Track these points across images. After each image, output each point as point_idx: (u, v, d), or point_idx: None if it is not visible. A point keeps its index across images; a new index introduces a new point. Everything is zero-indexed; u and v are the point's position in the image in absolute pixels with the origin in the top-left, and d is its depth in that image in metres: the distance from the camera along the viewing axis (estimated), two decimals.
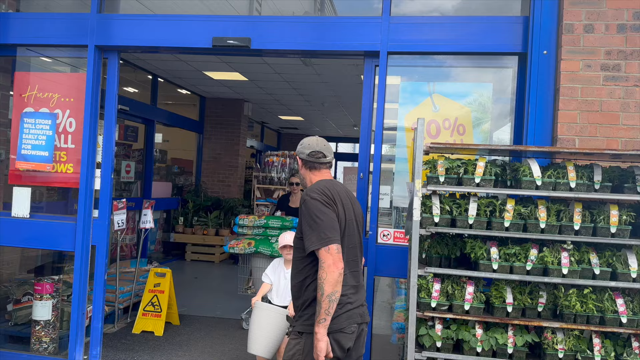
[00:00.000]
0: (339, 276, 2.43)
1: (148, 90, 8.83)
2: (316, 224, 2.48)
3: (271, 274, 4.21)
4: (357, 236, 2.69)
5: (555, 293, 2.88)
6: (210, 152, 11.06)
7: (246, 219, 6.11)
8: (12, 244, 4.36)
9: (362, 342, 2.68)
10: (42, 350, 4.44)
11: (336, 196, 2.59)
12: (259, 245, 5.74)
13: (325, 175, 2.77)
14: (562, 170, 2.89)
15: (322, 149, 2.77)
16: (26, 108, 4.26)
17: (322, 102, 10.52)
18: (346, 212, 2.61)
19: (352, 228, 2.64)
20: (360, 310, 2.61)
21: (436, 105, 3.81)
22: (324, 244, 2.44)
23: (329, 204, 2.53)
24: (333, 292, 2.41)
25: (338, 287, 2.43)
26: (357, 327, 2.57)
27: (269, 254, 5.63)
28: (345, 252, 2.58)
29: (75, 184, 4.15)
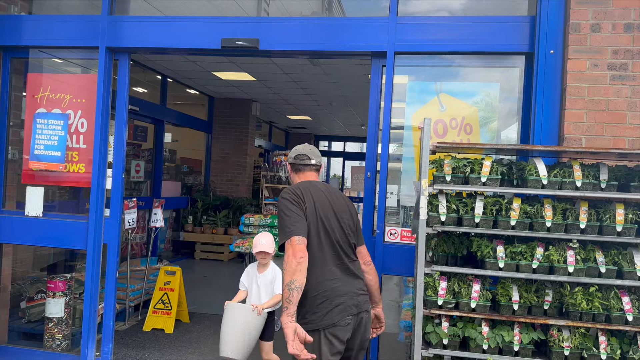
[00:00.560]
0: (296, 265, 2.48)
1: (157, 90, 8.91)
2: (283, 220, 2.65)
3: (245, 280, 4.05)
4: (341, 231, 2.74)
5: (561, 291, 2.90)
6: (218, 151, 11.13)
7: (252, 218, 6.18)
8: (25, 242, 4.44)
9: (365, 327, 2.72)
10: (55, 346, 4.52)
11: (307, 195, 2.70)
12: None
13: (309, 177, 2.88)
14: (568, 169, 2.91)
15: (307, 152, 2.91)
16: (39, 109, 4.34)
17: (330, 102, 10.56)
18: (320, 209, 2.70)
19: (331, 224, 2.71)
20: (355, 301, 2.65)
21: (443, 104, 3.84)
22: (287, 237, 2.57)
23: (296, 202, 2.67)
24: (292, 281, 2.46)
25: (297, 276, 2.47)
26: (352, 318, 2.62)
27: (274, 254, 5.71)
28: (326, 246, 2.67)
29: (87, 184, 4.22)
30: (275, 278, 3.97)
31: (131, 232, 5.67)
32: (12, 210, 4.48)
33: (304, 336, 2.43)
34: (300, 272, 2.49)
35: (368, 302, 2.78)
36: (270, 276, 3.97)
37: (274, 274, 3.99)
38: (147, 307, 5.71)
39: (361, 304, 2.69)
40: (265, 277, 3.97)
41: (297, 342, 2.39)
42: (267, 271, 3.99)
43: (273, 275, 3.98)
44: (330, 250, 2.69)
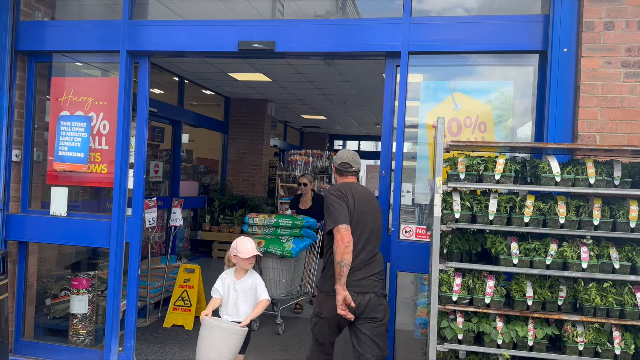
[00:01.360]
0: (344, 247, 3.20)
1: (175, 91, 9.06)
2: (330, 211, 3.34)
3: (220, 287, 3.77)
4: (371, 225, 3.42)
5: (575, 287, 2.94)
6: (235, 151, 11.26)
7: (256, 217, 5.92)
8: (50, 241, 4.58)
9: (373, 306, 3.34)
10: (80, 342, 4.66)
11: (348, 193, 3.41)
12: (269, 244, 5.63)
13: (349, 179, 3.59)
14: (581, 167, 2.94)
15: (350, 161, 3.60)
16: (62, 111, 4.47)
17: (345, 101, 10.62)
18: (358, 205, 3.39)
19: (365, 218, 3.39)
20: (363, 283, 3.32)
21: (457, 103, 3.88)
22: (335, 224, 3.27)
23: (340, 197, 3.37)
24: (342, 260, 3.20)
25: (345, 256, 3.20)
26: (356, 295, 3.28)
27: (279, 254, 5.55)
28: (358, 235, 3.34)
29: (109, 184, 4.34)
30: (256, 284, 3.75)
31: (151, 231, 5.80)
32: (37, 210, 4.62)
33: (350, 301, 3.23)
34: (348, 253, 3.22)
35: (379, 287, 3.39)
36: (250, 282, 3.75)
37: (253, 280, 3.76)
38: (167, 304, 5.84)
39: (367, 287, 3.33)
40: (244, 284, 3.74)
41: (344, 306, 3.22)
42: (246, 277, 3.76)
43: (252, 281, 3.76)
44: (361, 238, 3.35)
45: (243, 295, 3.73)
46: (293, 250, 5.54)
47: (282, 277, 5.69)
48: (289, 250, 5.55)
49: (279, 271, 5.69)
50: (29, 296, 4.70)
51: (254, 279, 3.78)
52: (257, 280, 3.78)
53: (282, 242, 5.62)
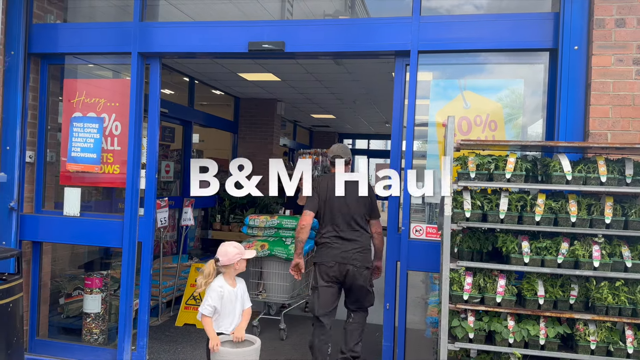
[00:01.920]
0: (300, 228, 4.14)
1: (185, 92, 9.11)
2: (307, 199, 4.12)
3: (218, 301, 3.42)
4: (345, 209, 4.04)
5: (587, 286, 2.93)
6: (244, 151, 11.30)
7: (257, 219, 5.59)
8: (64, 241, 4.64)
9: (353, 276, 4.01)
10: (93, 341, 4.72)
11: (322, 184, 4.14)
12: (273, 247, 5.37)
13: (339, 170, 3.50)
14: (592, 165, 2.93)
15: (339, 152, 4.27)
16: (75, 113, 4.52)
17: (354, 100, 10.61)
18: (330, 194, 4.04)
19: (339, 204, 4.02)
20: (344, 255, 4.00)
21: (467, 101, 3.87)
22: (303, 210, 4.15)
23: (314, 188, 4.04)
24: (297, 237, 4.19)
25: (299, 235, 4.16)
26: (336, 264, 4.00)
27: (284, 256, 5.30)
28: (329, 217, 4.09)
29: (122, 184, 4.38)
30: (244, 289, 3.62)
31: (163, 230, 5.84)
32: (50, 210, 4.69)
33: (302, 267, 4.25)
34: (302, 233, 4.15)
35: (359, 260, 4.01)
36: (242, 287, 3.60)
37: (242, 285, 3.62)
38: (179, 303, 5.89)
39: (348, 259, 4.00)
40: (238, 291, 3.54)
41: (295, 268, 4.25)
42: (237, 282, 3.58)
43: (242, 286, 3.61)
44: (332, 220, 4.08)
45: (240, 302, 3.54)
46: None
47: (286, 280, 5.44)
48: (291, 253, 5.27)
49: (283, 275, 5.43)
50: (43, 295, 4.77)
51: (242, 283, 3.62)
52: (244, 286, 3.63)
53: (287, 245, 5.39)
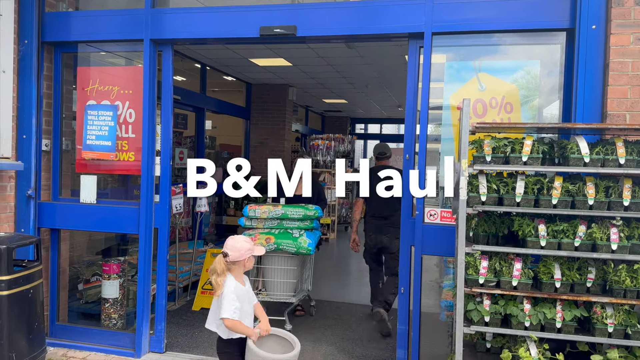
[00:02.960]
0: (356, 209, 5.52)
1: (197, 78, 9.12)
2: None
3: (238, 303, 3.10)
4: None
5: (604, 268, 2.90)
6: (257, 137, 11.32)
7: (258, 209, 4.99)
8: (81, 228, 4.71)
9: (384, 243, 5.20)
10: (112, 325, 4.80)
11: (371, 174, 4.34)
12: (280, 240, 4.82)
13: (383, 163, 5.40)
14: (610, 147, 2.89)
15: (381, 149, 5.52)
16: (89, 101, 4.55)
17: (366, 84, 10.54)
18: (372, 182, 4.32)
19: None
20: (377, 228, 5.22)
21: (482, 84, 3.82)
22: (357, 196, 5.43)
23: None
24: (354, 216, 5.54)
25: (355, 214, 5.52)
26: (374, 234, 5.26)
27: (293, 250, 4.81)
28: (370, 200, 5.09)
29: (137, 171, 4.42)
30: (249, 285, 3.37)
31: (178, 216, 5.89)
32: (67, 197, 4.75)
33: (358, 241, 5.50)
34: (356, 213, 5.50)
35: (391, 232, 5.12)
36: (248, 284, 3.35)
37: (248, 281, 3.38)
38: (195, 288, 5.96)
39: (383, 231, 5.18)
40: (249, 289, 3.33)
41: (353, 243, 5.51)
42: (245, 280, 3.31)
43: (248, 282, 3.37)
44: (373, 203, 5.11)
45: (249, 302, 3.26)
46: (311, 246, 4.85)
47: (291, 277, 5.05)
48: (305, 246, 4.81)
49: (288, 271, 5.02)
50: (62, 282, 4.85)
51: (247, 280, 3.37)
52: (248, 281, 3.38)
53: (295, 237, 4.85)
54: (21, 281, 3.74)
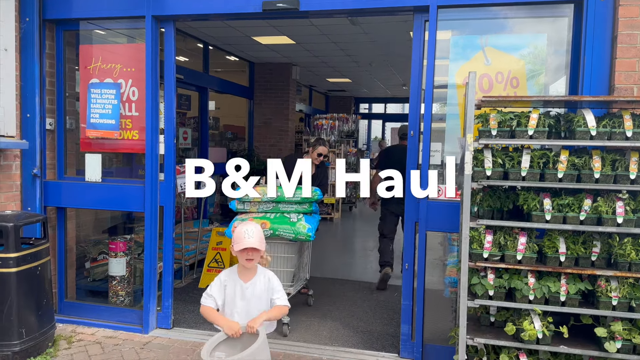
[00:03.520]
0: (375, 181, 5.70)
1: (199, 58, 9.06)
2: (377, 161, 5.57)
3: (218, 293, 2.88)
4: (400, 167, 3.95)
5: (609, 242, 2.90)
6: (260, 117, 11.29)
7: None
8: (87, 206, 4.73)
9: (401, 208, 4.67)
10: (119, 302, 4.86)
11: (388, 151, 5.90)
12: (276, 225, 4.39)
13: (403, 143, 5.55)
14: (618, 120, 2.86)
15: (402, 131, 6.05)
16: (92, 79, 4.53)
17: (370, 62, 10.45)
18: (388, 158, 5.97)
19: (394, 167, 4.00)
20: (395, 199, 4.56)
21: (488, 58, 3.78)
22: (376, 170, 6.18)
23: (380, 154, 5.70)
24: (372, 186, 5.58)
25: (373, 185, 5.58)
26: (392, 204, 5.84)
27: (291, 237, 4.40)
28: None
29: (141, 150, 4.41)
30: (272, 285, 2.91)
31: (183, 196, 5.91)
32: (72, 176, 4.76)
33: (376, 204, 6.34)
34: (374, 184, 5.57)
35: None
36: (263, 284, 2.91)
37: (267, 280, 2.92)
38: (201, 266, 6.01)
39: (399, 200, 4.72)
40: (255, 287, 2.89)
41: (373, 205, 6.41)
42: (256, 278, 2.90)
43: (267, 281, 2.91)
44: None
45: (256, 303, 2.88)
46: (310, 232, 4.41)
47: (289, 265, 4.64)
48: (304, 232, 4.37)
49: (285, 259, 4.63)
50: (70, 260, 4.89)
51: (267, 278, 2.92)
52: (273, 279, 2.93)
53: (293, 222, 4.41)
54: (29, 258, 3.78)
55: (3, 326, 3.65)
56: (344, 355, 4.11)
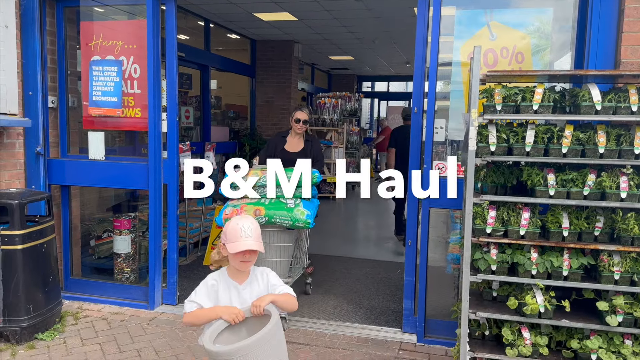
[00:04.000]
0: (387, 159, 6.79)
1: (200, 36, 8.98)
2: None
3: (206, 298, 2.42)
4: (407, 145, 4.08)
5: (612, 217, 2.90)
6: (262, 95, 11.22)
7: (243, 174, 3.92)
8: (91, 184, 4.74)
9: None
10: (125, 279, 4.91)
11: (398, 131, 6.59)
12: (272, 212, 3.95)
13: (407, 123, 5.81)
14: (623, 94, 2.83)
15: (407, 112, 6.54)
16: (93, 56, 4.50)
17: (373, 39, 10.34)
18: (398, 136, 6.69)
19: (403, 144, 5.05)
20: None
21: (493, 33, 3.74)
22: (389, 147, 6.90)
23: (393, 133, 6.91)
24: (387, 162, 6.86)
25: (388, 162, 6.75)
26: None
27: (289, 224, 3.96)
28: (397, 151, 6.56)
29: (144, 127, 4.41)
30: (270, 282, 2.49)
31: None
32: (76, 154, 4.77)
33: None
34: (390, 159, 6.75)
35: None
36: (261, 282, 2.49)
37: (265, 278, 2.50)
38: (205, 243, 6.06)
39: None
40: (253, 288, 2.46)
41: None
42: (252, 277, 2.48)
43: (264, 279, 2.50)
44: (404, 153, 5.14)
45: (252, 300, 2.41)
46: (309, 218, 3.97)
47: (286, 255, 4.23)
48: (302, 218, 3.93)
49: (282, 248, 4.20)
50: (75, 237, 4.93)
51: (265, 277, 2.51)
52: (270, 276, 2.52)
53: (290, 208, 3.96)
54: (35, 236, 3.81)
55: (11, 302, 3.70)
56: (347, 330, 4.17)
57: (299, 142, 5.05)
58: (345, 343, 3.94)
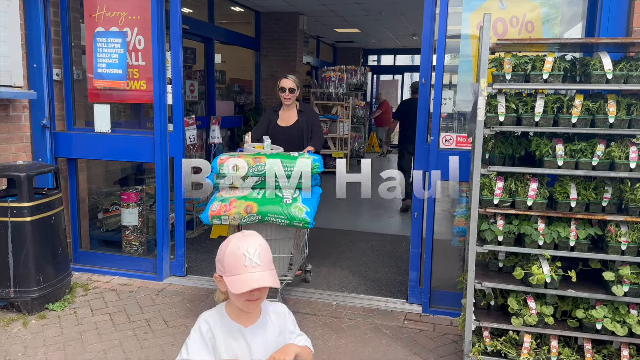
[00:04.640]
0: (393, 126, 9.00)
1: (204, 9, 8.86)
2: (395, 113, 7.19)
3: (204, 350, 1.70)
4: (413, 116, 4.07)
5: (621, 188, 2.89)
6: (267, 69, 11.12)
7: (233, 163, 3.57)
8: (97, 157, 4.75)
9: None
10: (133, 251, 4.96)
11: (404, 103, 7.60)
12: (266, 209, 3.46)
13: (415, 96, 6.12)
14: (635, 63, 2.78)
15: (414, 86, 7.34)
16: (97, 28, 4.45)
17: (380, 11, 10.18)
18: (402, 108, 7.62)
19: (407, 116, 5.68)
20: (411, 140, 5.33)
21: (503, 2, 3.66)
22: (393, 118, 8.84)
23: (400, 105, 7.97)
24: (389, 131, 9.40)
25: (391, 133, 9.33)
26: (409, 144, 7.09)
27: (285, 223, 3.47)
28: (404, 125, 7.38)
29: (149, 100, 4.39)
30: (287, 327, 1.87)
31: (192, 148, 5.92)
32: (82, 127, 4.76)
33: None
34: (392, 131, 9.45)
35: None
36: (277, 327, 1.83)
37: (282, 322, 1.86)
38: None
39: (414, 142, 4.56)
40: (267, 335, 1.80)
41: None
42: (264, 319, 1.81)
43: (281, 324, 1.85)
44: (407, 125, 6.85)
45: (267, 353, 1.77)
46: (309, 216, 3.49)
47: (285, 250, 3.75)
48: (301, 217, 3.45)
49: (281, 243, 3.70)
50: (82, 210, 4.96)
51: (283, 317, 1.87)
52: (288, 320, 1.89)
53: (287, 204, 3.48)
54: (43, 208, 3.84)
55: (21, 273, 3.75)
56: (353, 300, 4.21)
57: (292, 114, 4.68)
58: (351, 313, 3.98)
